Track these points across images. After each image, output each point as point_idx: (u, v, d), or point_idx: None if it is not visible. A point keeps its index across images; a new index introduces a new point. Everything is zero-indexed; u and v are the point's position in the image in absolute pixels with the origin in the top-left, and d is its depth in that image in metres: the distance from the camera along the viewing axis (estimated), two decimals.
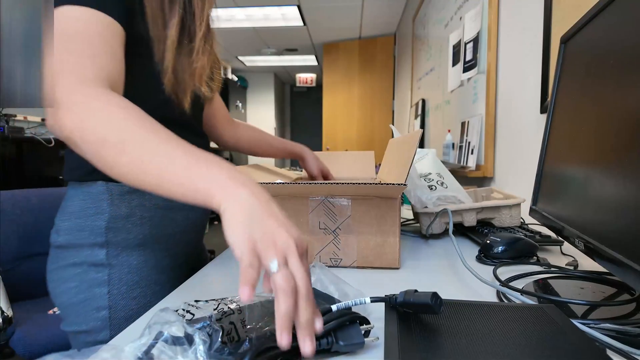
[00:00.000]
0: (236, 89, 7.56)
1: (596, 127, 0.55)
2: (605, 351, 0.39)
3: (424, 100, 3.06)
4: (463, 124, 1.93)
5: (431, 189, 1.05)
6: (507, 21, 1.55)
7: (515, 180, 1.45)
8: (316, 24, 5.08)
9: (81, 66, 0.58)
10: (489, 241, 0.81)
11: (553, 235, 0.89)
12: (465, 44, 1.95)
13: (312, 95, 9.11)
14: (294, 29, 5.28)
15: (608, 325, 0.46)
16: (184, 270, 0.86)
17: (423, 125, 3.04)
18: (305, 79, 8.32)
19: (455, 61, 2.15)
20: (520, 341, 0.39)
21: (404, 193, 0.97)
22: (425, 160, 1.16)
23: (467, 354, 0.37)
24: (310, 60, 7.17)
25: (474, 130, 1.76)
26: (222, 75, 0.96)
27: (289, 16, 4.78)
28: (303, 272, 0.40)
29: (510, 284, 0.61)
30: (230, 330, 0.42)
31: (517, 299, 0.54)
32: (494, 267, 0.69)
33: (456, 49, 2.13)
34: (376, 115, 5.46)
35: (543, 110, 1.23)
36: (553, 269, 0.70)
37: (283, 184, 0.72)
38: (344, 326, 0.42)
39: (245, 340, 0.41)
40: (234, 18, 4.76)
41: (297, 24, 5.08)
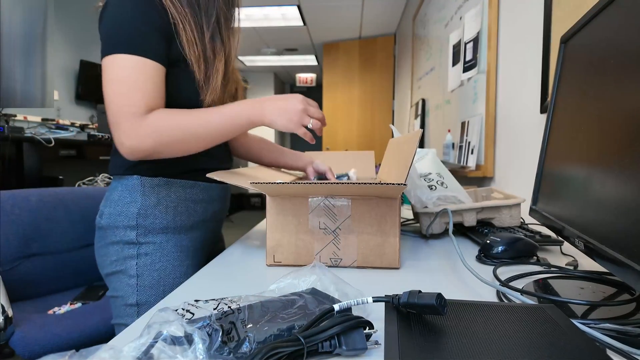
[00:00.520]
0: None
1: (596, 127, 0.55)
2: (605, 351, 0.39)
3: (424, 100, 3.06)
4: (463, 123, 1.93)
5: (431, 189, 1.05)
6: (507, 21, 1.55)
7: (515, 180, 1.45)
8: (316, 23, 5.08)
9: (131, 103, 0.80)
10: (489, 241, 0.81)
11: (553, 235, 0.89)
12: (465, 43, 1.94)
13: (312, 95, 8.98)
14: (294, 28, 5.28)
15: (608, 325, 0.46)
16: (202, 253, 1.03)
17: (423, 125, 3.04)
18: (305, 78, 8.32)
19: (455, 61, 2.15)
20: (520, 341, 0.39)
21: (404, 193, 0.97)
22: (425, 160, 1.16)
23: (467, 354, 0.37)
24: (310, 60, 7.16)
25: (474, 130, 1.76)
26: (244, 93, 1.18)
27: (289, 16, 4.78)
28: (319, 111, 0.89)
29: (510, 284, 0.61)
30: (230, 330, 0.42)
31: (517, 299, 0.54)
32: (494, 267, 0.69)
33: (456, 48, 2.13)
34: (376, 115, 5.46)
35: (543, 110, 1.23)
36: (553, 269, 0.70)
37: (283, 183, 0.72)
38: (347, 330, 0.42)
39: (245, 339, 0.41)
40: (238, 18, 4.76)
41: (297, 24, 5.08)
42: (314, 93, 8.78)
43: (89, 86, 4.49)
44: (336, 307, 0.45)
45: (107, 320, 1.32)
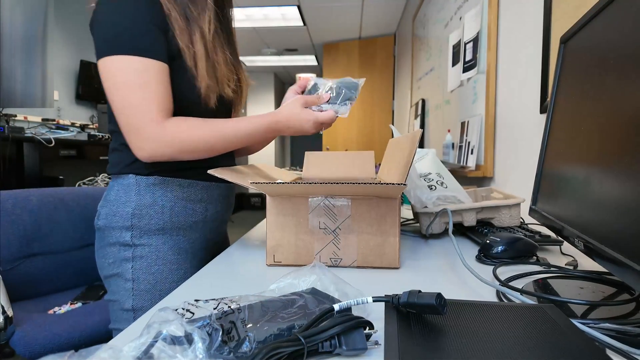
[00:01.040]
0: None
1: (596, 127, 0.55)
2: (604, 351, 0.39)
3: (423, 100, 3.06)
4: (463, 123, 1.93)
5: (431, 188, 1.05)
6: (507, 21, 1.55)
7: (515, 180, 1.45)
8: (316, 24, 5.08)
9: (149, 109, 0.80)
10: (488, 241, 0.81)
11: (553, 235, 0.89)
12: (465, 44, 1.95)
13: None
14: (294, 29, 5.28)
15: (608, 325, 0.46)
16: (203, 254, 0.99)
17: (423, 125, 3.04)
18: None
19: (455, 61, 2.15)
20: (520, 341, 0.39)
21: (403, 193, 0.97)
22: (425, 160, 1.16)
23: (467, 353, 0.37)
24: (310, 60, 7.16)
25: (473, 130, 1.76)
26: (248, 83, 1.16)
27: (289, 16, 4.78)
28: (330, 119, 0.92)
29: (510, 283, 0.61)
30: (230, 329, 0.42)
31: (517, 298, 0.54)
32: (493, 267, 0.69)
33: (456, 49, 2.13)
34: (376, 115, 5.45)
35: (543, 110, 1.23)
36: (553, 269, 0.70)
37: (283, 183, 0.72)
38: (347, 330, 0.42)
39: (246, 339, 0.41)
40: (234, 18, 4.76)
41: (297, 24, 5.08)
42: None
43: (89, 86, 4.49)
44: (336, 307, 0.45)
45: (108, 321, 1.32)
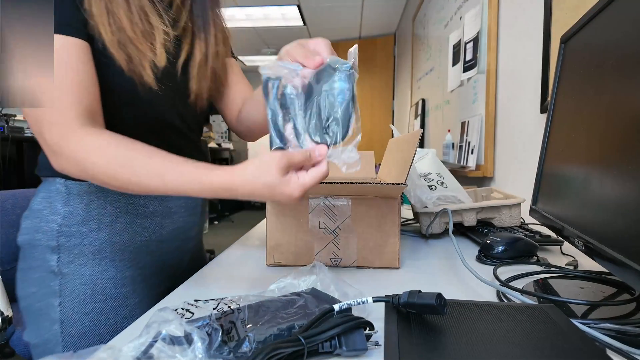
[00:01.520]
0: None
1: (596, 127, 0.55)
2: (605, 351, 0.39)
3: (423, 100, 3.06)
4: (463, 123, 1.93)
5: (431, 188, 1.05)
6: (507, 21, 1.55)
7: (515, 180, 1.45)
8: (316, 23, 5.07)
9: (64, 109, 0.59)
10: (489, 241, 0.81)
11: (553, 235, 0.89)
12: (465, 43, 1.94)
13: None
14: (294, 28, 5.28)
15: (608, 325, 0.46)
16: (159, 282, 0.78)
17: (423, 125, 3.04)
18: None
19: (455, 61, 2.15)
20: (520, 341, 0.39)
21: (404, 193, 0.97)
22: (425, 160, 1.16)
23: (467, 353, 0.37)
24: None
25: (473, 130, 1.76)
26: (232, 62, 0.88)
27: (289, 16, 4.78)
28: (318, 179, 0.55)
29: (510, 283, 0.61)
30: (230, 330, 0.42)
31: (517, 298, 0.54)
32: (494, 267, 0.69)
33: (456, 48, 2.13)
34: (376, 115, 5.45)
35: (543, 110, 1.23)
36: (553, 269, 0.70)
37: None
38: (348, 330, 0.42)
39: (245, 339, 0.40)
40: (234, 18, 4.76)
41: (297, 24, 5.07)
42: None
43: None
44: (336, 307, 0.45)
45: None
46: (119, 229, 0.72)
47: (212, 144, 6.26)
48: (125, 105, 0.68)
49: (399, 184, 0.66)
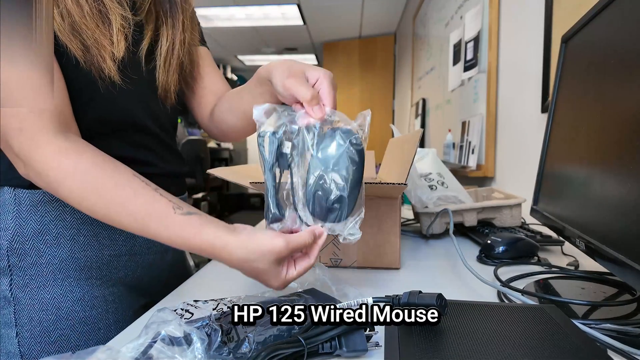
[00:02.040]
0: None
1: (597, 127, 0.55)
2: (606, 351, 0.39)
3: (424, 100, 3.06)
4: (464, 123, 1.93)
5: (432, 188, 1.05)
6: (508, 20, 1.55)
7: (516, 180, 1.45)
8: (316, 23, 5.07)
9: (33, 113, 0.50)
10: (489, 241, 0.81)
11: (554, 235, 0.89)
12: (466, 43, 1.94)
13: None
14: (294, 28, 5.27)
15: (609, 325, 0.46)
16: (136, 299, 0.69)
17: (423, 125, 3.03)
18: None
19: (455, 60, 2.14)
20: (521, 341, 0.39)
21: (404, 193, 0.96)
22: (426, 160, 1.15)
23: (468, 354, 0.37)
24: (310, 59, 7.16)
25: (474, 130, 1.76)
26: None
27: (288, 15, 4.77)
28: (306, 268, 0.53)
29: (511, 284, 0.60)
30: (229, 330, 0.42)
31: (518, 299, 0.54)
32: (494, 268, 0.69)
33: (457, 48, 2.12)
34: (376, 115, 5.41)
35: (544, 110, 1.23)
36: (554, 269, 0.70)
37: None
38: (348, 332, 0.42)
39: (245, 340, 0.40)
40: (234, 17, 4.75)
41: (297, 23, 5.07)
42: None
43: None
44: None
45: None
46: (82, 243, 0.61)
47: (212, 144, 6.25)
48: (84, 103, 0.58)
49: (399, 184, 0.66)
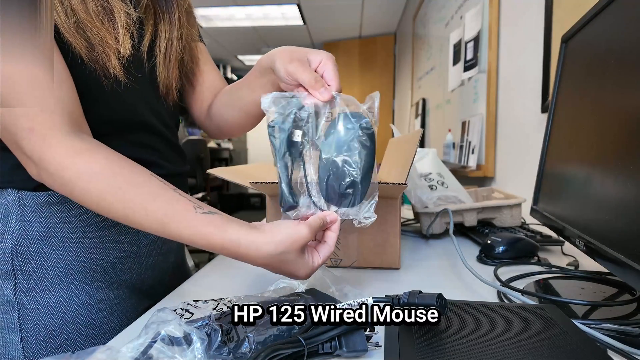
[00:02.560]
0: None
1: (597, 127, 0.55)
2: (606, 351, 0.39)
3: (424, 100, 3.06)
4: (464, 123, 1.93)
5: (432, 188, 1.05)
6: (508, 20, 1.55)
7: (516, 180, 1.45)
8: (316, 23, 5.07)
9: (44, 111, 0.49)
10: (489, 241, 0.81)
11: (554, 235, 0.89)
12: (466, 43, 1.94)
13: None
14: (294, 28, 5.27)
15: (609, 325, 0.46)
16: (138, 303, 0.68)
17: (423, 125, 3.03)
18: None
19: (455, 60, 2.14)
20: (521, 341, 0.39)
21: (404, 193, 0.96)
22: (426, 160, 1.15)
23: (468, 354, 0.37)
24: None
25: (474, 130, 1.76)
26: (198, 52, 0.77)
27: (288, 15, 4.77)
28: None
29: (511, 284, 0.60)
30: (229, 330, 0.42)
31: (518, 299, 0.54)
32: (494, 268, 0.69)
33: (457, 48, 2.12)
34: None
35: (544, 110, 1.23)
36: (554, 269, 0.70)
37: None
38: (348, 332, 0.42)
39: (245, 340, 0.40)
40: (234, 17, 4.75)
41: (297, 23, 5.07)
42: None
43: None
44: None
45: None
46: (88, 245, 0.61)
47: (212, 144, 6.25)
48: (90, 103, 0.56)
49: (399, 184, 0.66)
